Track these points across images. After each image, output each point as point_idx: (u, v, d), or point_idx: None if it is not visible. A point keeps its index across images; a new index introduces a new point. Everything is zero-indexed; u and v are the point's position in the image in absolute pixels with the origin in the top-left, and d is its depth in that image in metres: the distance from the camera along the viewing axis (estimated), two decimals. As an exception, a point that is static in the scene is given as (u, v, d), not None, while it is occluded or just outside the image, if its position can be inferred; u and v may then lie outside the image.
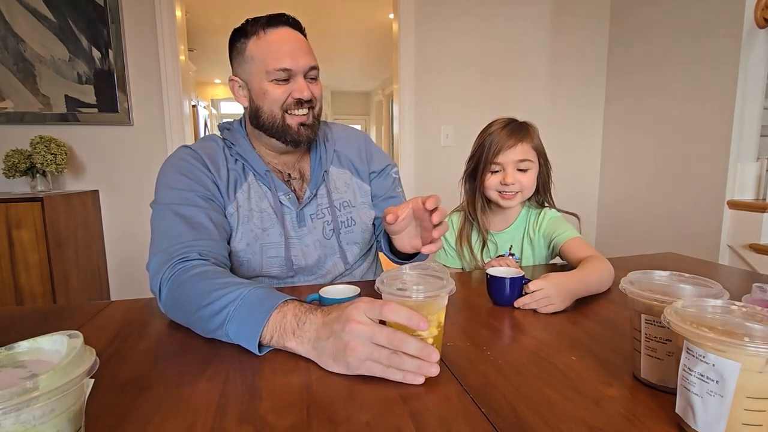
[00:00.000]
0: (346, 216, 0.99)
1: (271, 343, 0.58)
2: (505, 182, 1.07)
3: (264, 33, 0.85)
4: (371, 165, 1.05)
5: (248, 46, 0.86)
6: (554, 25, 2.54)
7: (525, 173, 1.08)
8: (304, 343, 0.56)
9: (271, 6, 4.70)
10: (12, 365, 0.34)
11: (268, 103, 0.87)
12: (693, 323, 0.40)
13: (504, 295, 0.78)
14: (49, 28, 2.03)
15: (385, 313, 0.50)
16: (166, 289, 0.70)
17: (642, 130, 2.41)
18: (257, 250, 0.91)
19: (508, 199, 1.09)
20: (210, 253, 0.77)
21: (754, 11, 1.83)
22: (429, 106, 2.44)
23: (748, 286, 0.73)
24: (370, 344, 0.50)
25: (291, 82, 0.86)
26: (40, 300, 1.81)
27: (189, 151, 0.90)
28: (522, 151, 1.07)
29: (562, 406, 0.47)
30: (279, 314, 0.58)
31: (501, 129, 1.08)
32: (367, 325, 0.51)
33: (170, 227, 0.78)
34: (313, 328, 0.56)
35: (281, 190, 0.93)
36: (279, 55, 0.84)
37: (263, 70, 0.85)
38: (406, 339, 0.50)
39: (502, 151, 1.06)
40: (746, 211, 1.90)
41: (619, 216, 2.61)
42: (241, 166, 0.92)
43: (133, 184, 2.21)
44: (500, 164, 1.08)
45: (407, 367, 0.50)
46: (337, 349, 0.52)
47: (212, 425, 0.44)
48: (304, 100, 0.87)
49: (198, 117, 5.92)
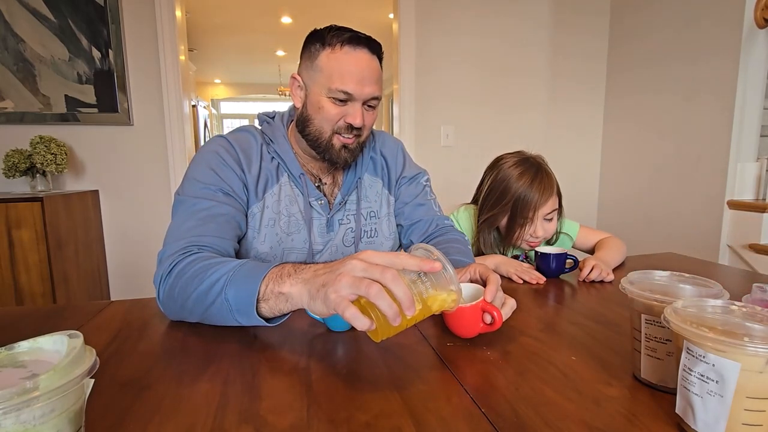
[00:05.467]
0: (371, 226, 0.98)
1: (266, 294, 0.57)
2: (536, 235, 1.11)
3: (340, 49, 0.82)
4: (403, 171, 1.03)
5: (320, 55, 0.83)
6: (554, 22, 2.54)
7: (551, 221, 1.13)
8: (298, 284, 0.55)
9: (272, 6, 4.66)
10: (12, 365, 0.34)
11: (320, 118, 0.86)
12: (693, 323, 0.40)
13: (550, 268, 0.98)
14: (49, 28, 2.03)
15: (395, 261, 0.49)
16: (165, 284, 0.71)
17: (642, 129, 2.41)
18: (279, 254, 0.90)
19: (534, 245, 1.12)
20: (211, 248, 0.76)
21: (754, 11, 1.83)
22: (429, 106, 2.44)
23: (748, 286, 0.73)
24: (359, 277, 0.48)
25: (348, 105, 0.84)
26: (40, 300, 1.81)
27: (224, 143, 0.88)
28: (552, 204, 1.11)
29: (562, 406, 0.47)
30: (277, 268, 0.58)
31: (529, 182, 1.09)
32: (366, 263, 0.49)
33: (182, 220, 0.79)
34: (312, 269, 0.55)
35: (313, 195, 0.92)
36: (346, 77, 0.82)
37: (326, 85, 0.83)
38: (397, 279, 0.47)
39: (540, 208, 1.09)
40: (746, 211, 1.90)
41: (619, 216, 2.61)
42: (276, 165, 0.91)
43: (133, 184, 2.21)
44: (533, 221, 1.11)
45: (381, 303, 0.47)
46: (326, 281, 0.50)
47: (212, 425, 0.44)
48: (355, 126, 0.86)
49: (198, 117, 5.92)
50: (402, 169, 1.03)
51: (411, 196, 1.02)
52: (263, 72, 7.07)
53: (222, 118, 9.21)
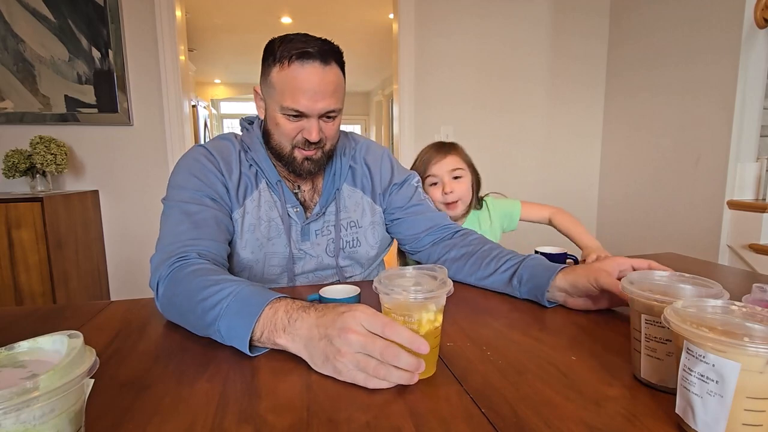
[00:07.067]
0: (351, 236, 0.98)
1: (261, 340, 0.58)
2: (445, 191, 1.23)
3: (288, 66, 0.80)
4: (393, 178, 1.02)
5: (272, 72, 0.82)
6: (554, 24, 2.54)
7: (459, 181, 1.25)
8: (296, 341, 0.55)
9: (272, 6, 4.66)
10: (12, 365, 0.34)
11: (278, 133, 0.86)
12: (693, 323, 0.40)
13: None
14: (49, 28, 2.03)
15: (387, 332, 0.50)
16: (162, 288, 0.71)
17: (642, 130, 2.41)
18: (261, 258, 0.91)
19: (452, 209, 1.24)
20: (209, 253, 0.77)
21: (754, 11, 1.83)
22: (429, 106, 2.44)
23: (748, 286, 0.73)
24: (361, 355, 0.50)
25: (303, 120, 0.83)
26: (40, 300, 1.81)
27: (203, 151, 0.89)
28: (453, 162, 1.25)
29: (562, 406, 0.46)
30: (270, 311, 0.58)
31: (430, 148, 1.29)
32: (361, 336, 0.50)
33: (174, 225, 0.79)
34: (305, 326, 0.55)
35: (290, 202, 0.92)
36: (297, 94, 0.80)
37: (279, 102, 0.82)
38: (398, 354, 0.49)
39: (435, 163, 1.24)
40: (746, 211, 1.90)
41: (619, 216, 2.61)
42: (255, 171, 0.91)
43: (133, 184, 2.21)
44: (437, 176, 1.24)
45: (393, 379, 0.49)
46: (328, 353, 0.52)
47: (212, 425, 0.44)
48: (312, 142, 0.85)
49: (198, 117, 5.92)
50: (391, 177, 1.02)
51: (405, 199, 1.02)
52: (263, 72, 7.06)
53: (222, 118, 9.20)
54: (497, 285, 0.84)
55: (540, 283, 0.76)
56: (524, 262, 0.81)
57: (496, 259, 0.86)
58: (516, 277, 0.80)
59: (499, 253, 0.87)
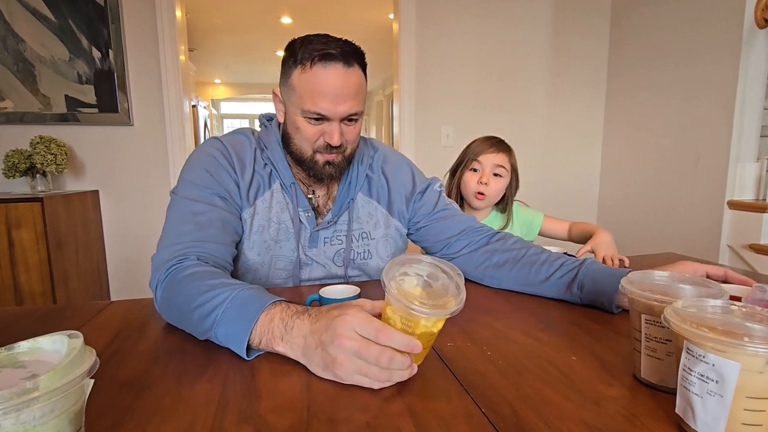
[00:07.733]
0: (363, 248, 0.95)
1: (260, 347, 0.58)
2: (482, 181, 1.23)
3: (311, 68, 0.77)
4: (415, 186, 0.98)
5: (293, 74, 0.80)
6: (554, 24, 2.54)
7: (498, 179, 1.25)
8: (294, 349, 0.56)
9: (272, 6, 4.66)
10: (12, 365, 0.34)
11: (299, 137, 0.84)
12: (693, 323, 0.40)
13: None
14: (49, 28, 2.03)
15: (381, 339, 0.50)
16: (160, 291, 0.70)
17: (642, 130, 2.41)
18: (267, 261, 0.89)
19: (479, 200, 1.25)
20: (210, 255, 0.76)
21: (754, 11, 1.83)
22: (429, 105, 2.44)
23: (748, 286, 0.73)
24: (358, 360, 0.50)
25: (325, 123, 0.81)
26: (40, 300, 1.81)
27: (219, 145, 0.87)
28: (501, 159, 1.26)
29: (562, 406, 0.47)
30: (266, 317, 0.57)
31: (486, 139, 1.29)
32: (355, 341, 0.50)
33: (178, 224, 0.78)
34: (301, 335, 0.55)
35: (302, 205, 0.90)
36: (318, 98, 0.78)
37: (300, 106, 0.80)
38: (393, 358, 0.49)
39: (485, 153, 1.25)
40: (746, 211, 1.90)
41: (619, 216, 2.61)
42: (269, 171, 0.89)
43: (133, 184, 2.21)
44: (480, 163, 1.25)
45: (395, 380, 0.51)
46: (326, 361, 0.52)
47: (212, 425, 0.44)
48: (333, 146, 0.83)
49: (198, 117, 5.92)
50: (413, 185, 0.98)
51: (431, 205, 0.98)
52: (263, 72, 7.07)
53: (222, 118, 9.21)
54: (552, 291, 0.81)
55: (605, 290, 0.74)
56: (583, 267, 0.79)
57: (547, 264, 0.83)
58: (576, 283, 0.77)
59: (548, 257, 0.84)
